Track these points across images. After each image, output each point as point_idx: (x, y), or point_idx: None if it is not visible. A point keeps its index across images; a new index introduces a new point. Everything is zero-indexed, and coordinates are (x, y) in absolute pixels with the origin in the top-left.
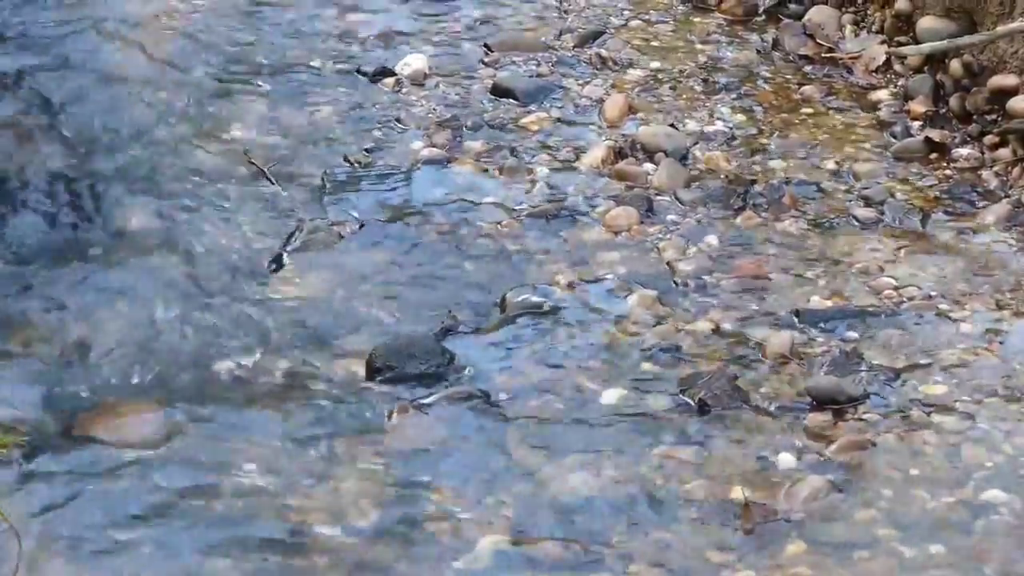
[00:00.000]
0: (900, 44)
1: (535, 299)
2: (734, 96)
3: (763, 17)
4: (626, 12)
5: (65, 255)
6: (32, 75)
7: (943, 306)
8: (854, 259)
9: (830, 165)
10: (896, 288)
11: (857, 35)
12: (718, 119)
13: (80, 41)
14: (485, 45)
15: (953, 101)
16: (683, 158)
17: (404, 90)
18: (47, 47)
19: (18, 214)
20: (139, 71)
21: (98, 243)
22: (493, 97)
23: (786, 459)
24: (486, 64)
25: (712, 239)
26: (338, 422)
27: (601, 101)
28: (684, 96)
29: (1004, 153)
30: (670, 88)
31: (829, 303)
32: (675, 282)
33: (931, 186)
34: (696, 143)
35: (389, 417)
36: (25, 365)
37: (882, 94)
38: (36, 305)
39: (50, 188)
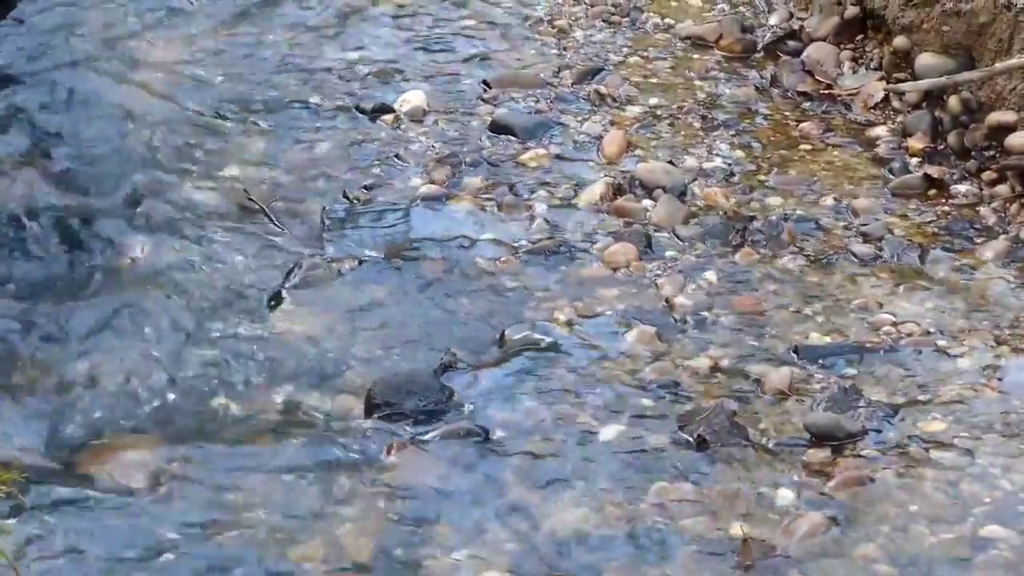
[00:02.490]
0: (898, 80)
1: (534, 335)
2: (733, 132)
3: (762, 54)
4: (625, 49)
5: (64, 292)
6: (32, 113)
7: (942, 342)
8: (852, 295)
9: (828, 201)
10: (895, 324)
11: (855, 71)
12: (717, 155)
13: (80, 79)
14: (484, 82)
15: (951, 137)
16: (682, 194)
17: (403, 127)
18: (47, 85)
19: (17, 251)
20: (139, 109)
21: (97, 280)
22: (492, 133)
23: (785, 495)
24: (485, 101)
25: (711, 275)
26: (336, 459)
27: (600, 137)
28: (683, 132)
29: (1002, 189)
30: (668, 124)
31: (828, 339)
32: (674, 318)
33: (930, 222)
34: (695, 179)
35: (387, 453)
36: (23, 402)
37: (880, 130)
38: (34, 342)
39: (49, 225)
